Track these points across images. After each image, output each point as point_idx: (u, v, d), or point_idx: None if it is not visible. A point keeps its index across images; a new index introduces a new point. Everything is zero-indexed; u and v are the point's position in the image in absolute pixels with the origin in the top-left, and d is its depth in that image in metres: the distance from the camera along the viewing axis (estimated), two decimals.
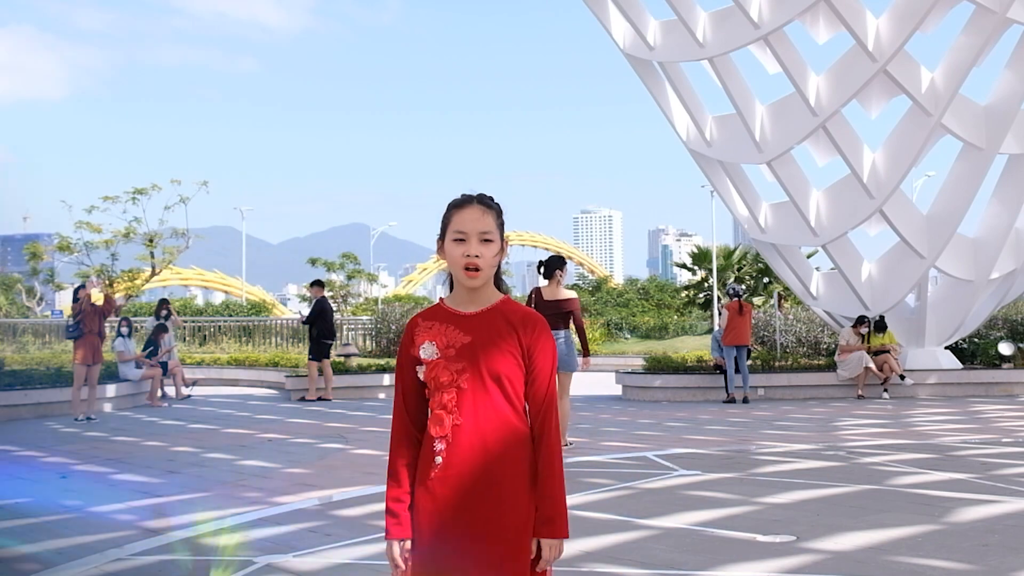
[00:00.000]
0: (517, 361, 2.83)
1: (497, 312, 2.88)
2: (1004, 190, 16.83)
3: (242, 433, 12.46)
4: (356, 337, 27.17)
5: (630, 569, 5.29)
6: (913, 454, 9.58)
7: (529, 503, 2.81)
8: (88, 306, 14.47)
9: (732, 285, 17.25)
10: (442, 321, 2.88)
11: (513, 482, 2.79)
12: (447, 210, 2.91)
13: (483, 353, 2.81)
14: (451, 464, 2.77)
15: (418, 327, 2.90)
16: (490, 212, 2.88)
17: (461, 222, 2.85)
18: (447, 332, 2.85)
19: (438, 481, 2.78)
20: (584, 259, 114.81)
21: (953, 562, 5.33)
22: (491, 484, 2.77)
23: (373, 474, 8.73)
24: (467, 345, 2.82)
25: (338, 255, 47.57)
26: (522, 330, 2.85)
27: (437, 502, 2.77)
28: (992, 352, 17.67)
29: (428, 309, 2.97)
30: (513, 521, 2.78)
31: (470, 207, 2.87)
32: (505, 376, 2.81)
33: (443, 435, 2.79)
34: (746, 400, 16.01)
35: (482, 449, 2.77)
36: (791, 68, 15.63)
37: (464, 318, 2.87)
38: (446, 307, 2.92)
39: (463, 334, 2.83)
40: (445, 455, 2.78)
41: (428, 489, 2.79)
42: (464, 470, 2.77)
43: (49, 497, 7.99)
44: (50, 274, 45.02)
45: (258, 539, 6.18)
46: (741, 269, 47.01)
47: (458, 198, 2.93)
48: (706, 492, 7.59)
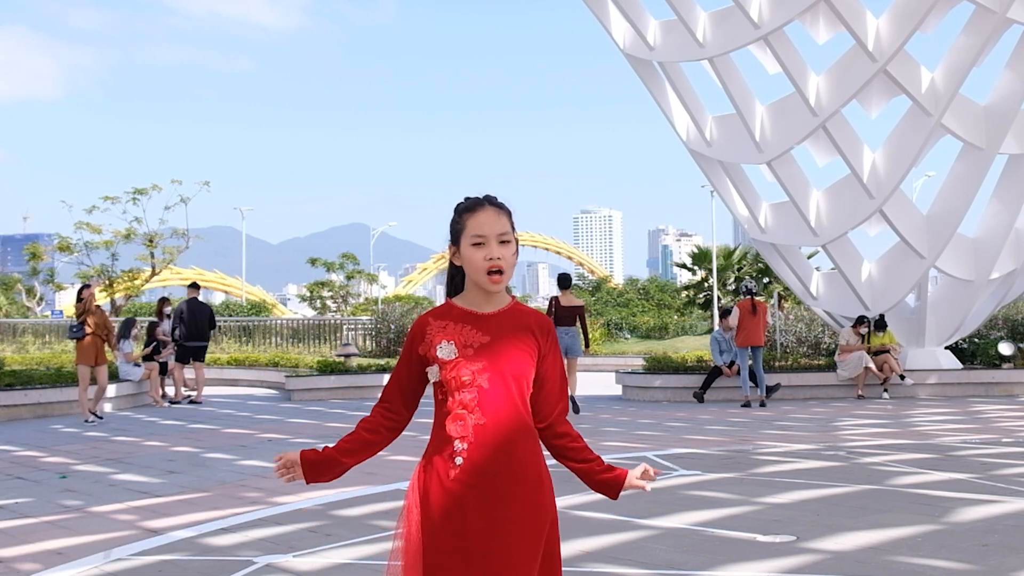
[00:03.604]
0: (532, 363, 2.85)
1: (514, 313, 2.89)
2: (1004, 190, 16.82)
3: (242, 433, 12.46)
4: (356, 337, 27.18)
5: (630, 569, 5.29)
6: (913, 454, 9.58)
7: (547, 500, 2.85)
8: (92, 306, 14.41)
9: (745, 282, 17.05)
10: (456, 321, 2.86)
11: (535, 480, 2.82)
12: (458, 215, 2.89)
13: (503, 353, 2.81)
14: (475, 464, 2.75)
15: (430, 326, 2.87)
16: (503, 213, 2.88)
17: (479, 226, 2.83)
18: (464, 331, 2.83)
19: (459, 482, 2.75)
20: (584, 259, 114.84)
21: (953, 562, 5.33)
22: (516, 483, 2.78)
23: (373, 474, 8.73)
24: (486, 345, 2.81)
25: (338, 255, 47.62)
26: (540, 333, 2.89)
27: (460, 503, 2.74)
28: (992, 352, 17.67)
29: (437, 308, 2.94)
30: (537, 518, 2.81)
31: (484, 210, 2.86)
32: (523, 376, 2.83)
33: (464, 435, 2.77)
34: (763, 404, 15.38)
35: (507, 448, 2.78)
36: (791, 68, 15.63)
37: (481, 318, 2.85)
38: (459, 307, 2.90)
39: (481, 334, 2.82)
40: (467, 455, 2.76)
41: (448, 491, 2.75)
42: (490, 470, 2.75)
43: (49, 497, 8.00)
44: (50, 274, 45.04)
45: (258, 539, 6.18)
46: (741, 269, 47.03)
47: (467, 201, 2.91)
48: (706, 492, 7.59)
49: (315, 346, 26.50)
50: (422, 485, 2.82)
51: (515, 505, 2.76)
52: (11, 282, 55.44)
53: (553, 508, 2.89)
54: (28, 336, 30.80)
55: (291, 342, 27.33)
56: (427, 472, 2.82)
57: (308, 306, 50.76)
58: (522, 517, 2.77)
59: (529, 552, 2.78)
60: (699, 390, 16.28)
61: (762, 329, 15.76)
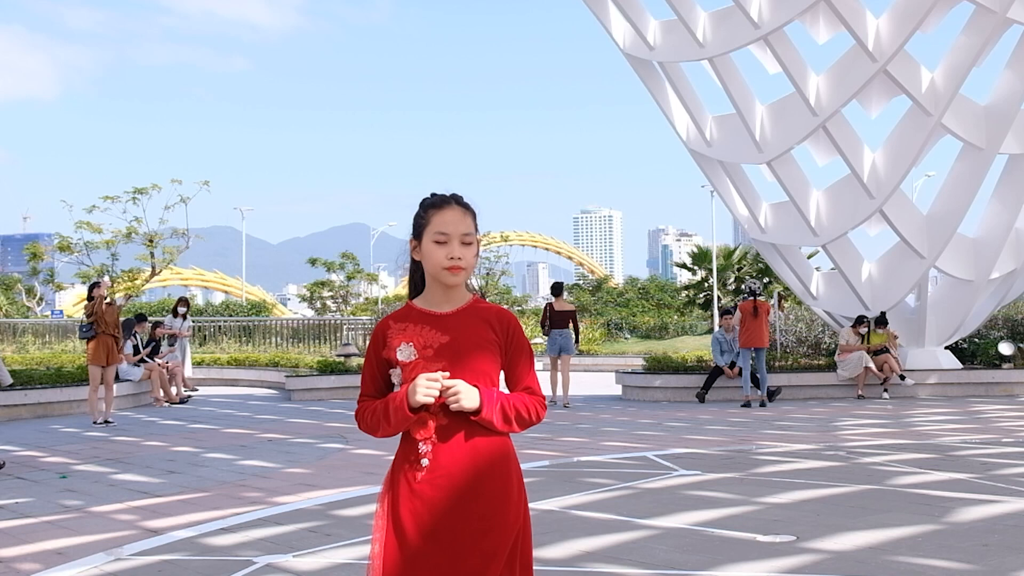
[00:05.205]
0: (496, 358, 2.85)
1: (472, 311, 2.89)
2: (1004, 190, 16.83)
3: (242, 433, 12.46)
4: (356, 337, 27.16)
5: (630, 569, 5.29)
6: (913, 454, 9.58)
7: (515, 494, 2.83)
8: (102, 306, 14.32)
9: (748, 283, 17.13)
10: (416, 322, 2.86)
11: (502, 476, 2.81)
12: (423, 210, 2.88)
13: (463, 351, 2.81)
14: (440, 465, 2.76)
15: (390, 329, 2.87)
16: (469, 213, 2.88)
17: (443, 223, 2.84)
18: (423, 332, 2.83)
19: (426, 483, 2.76)
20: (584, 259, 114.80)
21: (953, 562, 5.33)
22: (481, 480, 2.77)
23: (373, 474, 8.74)
24: (446, 345, 2.81)
25: (338, 255, 47.61)
26: (499, 327, 2.87)
27: (427, 504, 2.75)
28: (992, 352, 17.67)
29: (398, 311, 2.94)
30: (505, 514, 2.79)
31: (450, 208, 2.86)
32: (485, 373, 2.82)
33: (427, 437, 2.78)
34: (763, 404, 15.41)
35: (470, 447, 2.78)
36: (791, 68, 15.63)
37: (439, 318, 2.86)
38: (418, 308, 2.90)
39: (440, 334, 2.82)
40: (432, 456, 2.77)
41: (415, 492, 2.76)
42: (454, 469, 2.76)
43: (49, 497, 8.00)
44: (50, 274, 45.03)
45: (258, 539, 6.18)
46: (741, 269, 47.02)
47: (433, 197, 2.90)
48: (706, 492, 7.59)
49: (315, 346, 26.50)
50: (391, 489, 2.83)
51: (482, 502, 2.76)
52: (11, 282, 55.45)
53: (523, 506, 2.87)
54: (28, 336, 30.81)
55: (291, 342, 27.33)
56: (396, 476, 2.83)
57: (308, 306, 50.78)
58: (490, 513, 2.77)
59: (501, 546, 2.77)
60: (701, 390, 16.30)
61: (765, 330, 15.74)
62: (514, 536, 2.82)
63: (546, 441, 11.04)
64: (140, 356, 17.18)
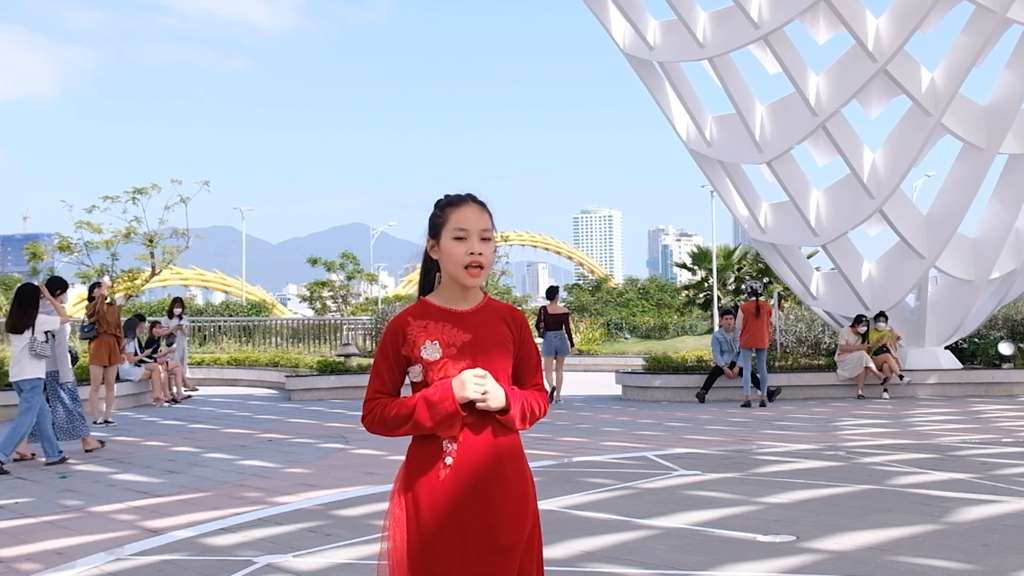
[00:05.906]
0: (510, 355, 2.88)
1: (490, 309, 2.91)
2: (1004, 190, 16.82)
3: (242, 433, 12.46)
4: (356, 337, 27.16)
5: (630, 569, 5.29)
6: (913, 454, 9.58)
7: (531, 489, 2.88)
8: (103, 306, 14.32)
9: (750, 283, 17.21)
10: (436, 319, 2.85)
11: (520, 472, 2.85)
12: (440, 209, 2.90)
13: (484, 349, 2.82)
14: (464, 462, 2.77)
15: (410, 326, 2.84)
16: (486, 211, 2.90)
17: (463, 220, 2.85)
18: (445, 330, 2.82)
19: (449, 482, 2.76)
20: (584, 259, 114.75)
21: (953, 562, 5.33)
22: (504, 476, 2.80)
23: (373, 474, 8.74)
24: (468, 343, 2.81)
25: (338, 255, 47.60)
26: (514, 325, 2.92)
27: (451, 501, 2.75)
28: (992, 352, 17.67)
29: (414, 307, 2.92)
30: (524, 509, 2.83)
31: (468, 205, 2.88)
32: (503, 370, 2.85)
33: (452, 435, 2.77)
34: (763, 404, 15.40)
35: (493, 445, 2.80)
36: (791, 68, 15.63)
37: (460, 315, 2.85)
38: (436, 305, 2.89)
39: (462, 332, 2.82)
40: (457, 455, 2.77)
41: (436, 491, 2.76)
42: (478, 467, 2.77)
43: (49, 497, 8.00)
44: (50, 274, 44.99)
45: (258, 539, 6.18)
46: (741, 269, 47.00)
47: (449, 197, 2.92)
48: (706, 492, 7.59)
49: (315, 346, 26.50)
50: (409, 487, 2.81)
51: (506, 499, 2.79)
52: (11, 282, 55.43)
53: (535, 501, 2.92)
54: None
55: (291, 342, 27.32)
56: (412, 474, 2.81)
57: (308, 306, 50.74)
58: (512, 509, 2.80)
59: (519, 543, 2.81)
60: (701, 390, 16.30)
61: (766, 331, 15.77)
62: (529, 529, 2.85)
63: (546, 441, 11.04)
64: (140, 356, 17.16)
